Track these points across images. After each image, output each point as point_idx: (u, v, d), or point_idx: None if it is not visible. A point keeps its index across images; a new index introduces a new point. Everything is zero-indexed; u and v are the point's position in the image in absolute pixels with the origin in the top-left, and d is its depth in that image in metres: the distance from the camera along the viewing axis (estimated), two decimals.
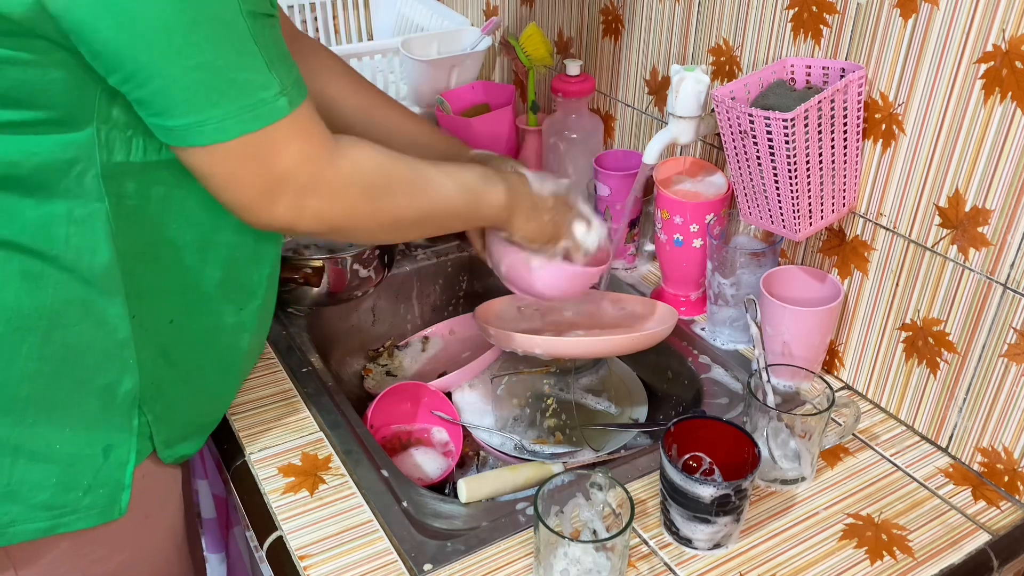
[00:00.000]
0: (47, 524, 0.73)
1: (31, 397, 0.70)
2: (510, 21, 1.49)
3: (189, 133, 0.63)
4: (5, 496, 0.70)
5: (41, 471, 0.71)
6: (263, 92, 0.63)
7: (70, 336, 0.70)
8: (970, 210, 0.83)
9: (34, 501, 0.72)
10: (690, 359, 1.06)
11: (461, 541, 0.80)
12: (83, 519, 0.74)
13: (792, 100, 0.88)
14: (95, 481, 0.74)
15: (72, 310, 0.70)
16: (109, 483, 0.75)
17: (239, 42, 0.61)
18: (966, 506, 0.85)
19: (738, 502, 0.76)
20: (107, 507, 0.76)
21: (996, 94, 0.78)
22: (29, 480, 0.71)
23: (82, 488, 0.74)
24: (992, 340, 0.84)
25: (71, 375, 0.71)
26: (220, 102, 0.62)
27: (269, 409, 0.96)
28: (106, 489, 0.75)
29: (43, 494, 0.72)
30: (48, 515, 0.72)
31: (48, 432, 0.71)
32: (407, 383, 1.04)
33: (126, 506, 0.76)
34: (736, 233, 1.07)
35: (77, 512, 0.74)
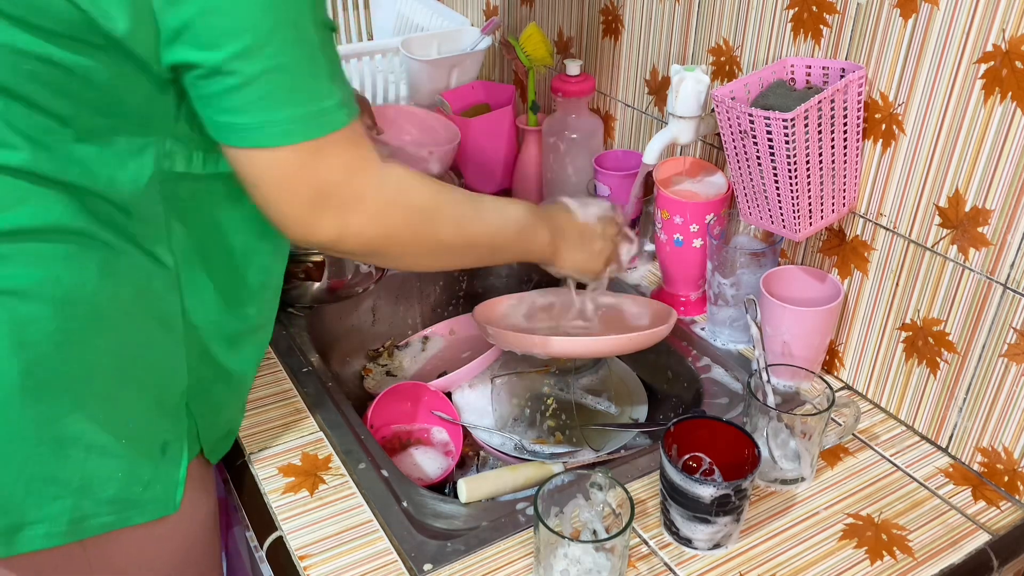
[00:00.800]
0: (113, 518, 0.74)
1: (103, 392, 0.71)
2: (510, 21, 1.49)
3: (255, 133, 0.63)
4: (79, 491, 0.71)
5: (110, 466, 0.72)
6: (327, 101, 0.64)
7: (139, 334, 0.72)
8: (970, 210, 0.83)
9: (103, 495, 0.72)
10: (690, 359, 1.06)
11: (461, 541, 0.80)
12: (144, 513, 0.76)
13: (792, 100, 0.88)
14: (154, 477, 0.75)
15: (140, 307, 0.71)
16: (166, 479, 0.77)
17: (312, 50, 0.63)
18: (966, 506, 0.85)
19: (738, 502, 0.76)
20: (164, 502, 0.77)
21: (996, 94, 0.78)
22: (100, 475, 0.72)
23: (143, 483, 0.75)
24: (992, 340, 0.84)
25: (137, 372, 0.72)
26: (289, 106, 0.63)
27: (269, 409, 0.96)
28: (163, 485, 0.76)
29: (111, 489, 0.73)
30: (113, 508, 0.73)
31: (116, 427, 0.72)
32: (407, 383, 1.04)
33: (180, 502, 0.78)
34: (736, 233, 1.07)
35: (139, 507, 0.75)
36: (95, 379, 0.70)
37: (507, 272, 1.29)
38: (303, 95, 0.63)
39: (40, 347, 0.65)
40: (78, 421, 0.69)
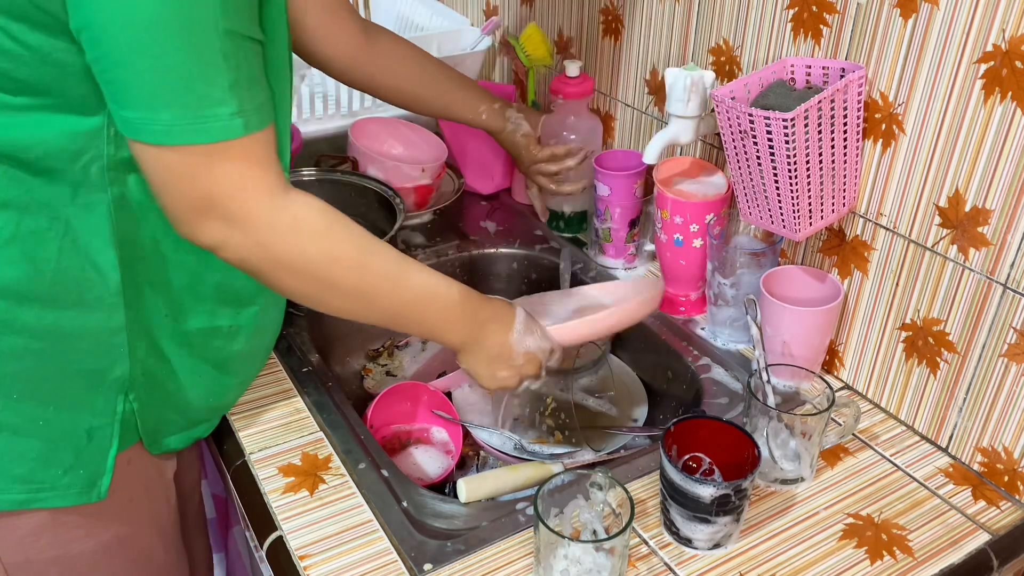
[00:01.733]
0: (23, 496, 0.74)
1: (18, 373, 0.72)
2: (510, 21, 1.49)
3: (140, 127, 0.63)
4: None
5: (22, 445, 0.73)
6: (218, 108, 0.63)
7: (63, 318, 0.72)
8: (970, 210, 0.83)
9: (12, 473, 0.73)
10: (690, 359, 1.05)
11: (461, 541, 0.80)
12: (60, 497, 0.76)
13: (792, 100, 0.88)
14: (76, 461, 0.76)
15: (68, 293, 0.71)
16: (90, 465, 0.77)
17: (207, 55, 0.62)
18: (966, 506, 0.85)
19: (738, 502, 0.76)
20: (86, 488, 0.77)
21: (996, 94, 0.78)
22: (9, 452, 0.73)
23: (62, 467, 0.75)
24: (992, 340, 0.84)
25: (60, 356, 0.73)
26: (173, 106, 0.62)
27: (269, 409, 0.96)
28: (87, 471, 0.77)
29: (22, 467, 0.74)
30: (25, 488, 0.74)
31: (31, 409, 0.73)
32: (407, 383, 1.04)
33: (106, 490, 0.78)
34: (736, 233, 1.07)
35: (55, 489, 0.76)
36: (10, 360, 0.71)
37: (507, 273, 1.29)
38: (190, 98, 0.62)
39: None
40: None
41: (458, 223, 1.34)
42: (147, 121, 0.62)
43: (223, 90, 0.63)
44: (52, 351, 0.72)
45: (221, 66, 0.62)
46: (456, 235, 1.31)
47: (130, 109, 0.63)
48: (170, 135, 0.63)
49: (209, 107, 0.63)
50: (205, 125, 0.63)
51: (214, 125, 0.63)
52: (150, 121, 0.62)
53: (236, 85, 0.63)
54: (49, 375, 0.73)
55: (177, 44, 0.60)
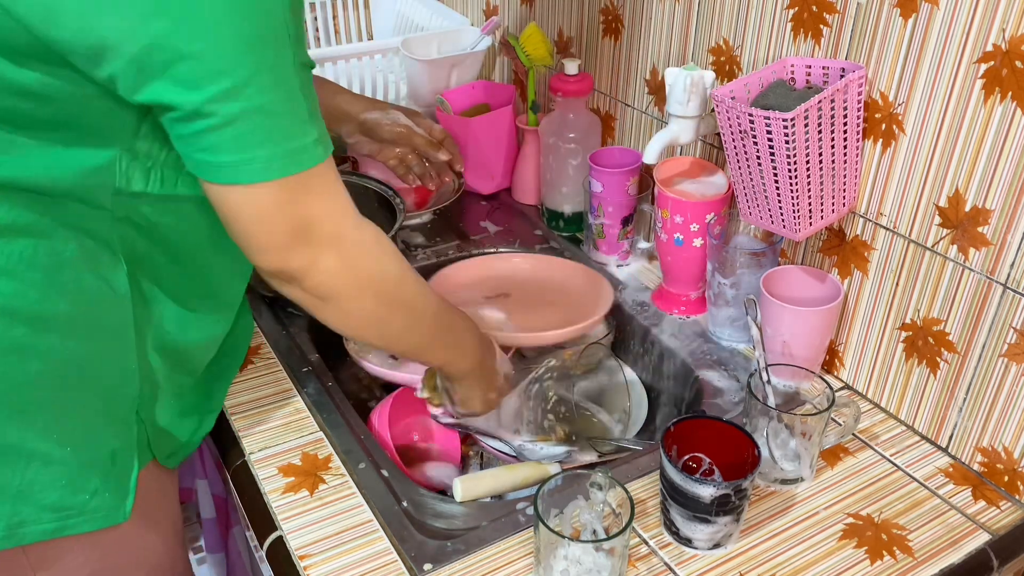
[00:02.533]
0: (54, 525, 0.73)
1: (43, 400, 0.70)
2: (510, 21, 1.49)
3: (234, 171, 0.63)
4: (17, 497, 0.70)
5: (52, 472, 0.72)
6: (305, 138, 0.65)
7: (83, 341, 0.71)
8: (970, 210, 0.83)
9: (44, 502, 0.72)
10: (690, 359, 1.05)
11: (461, 541, 0.80)
12: (90, 521, 0.75)
13: (792, 100, 0.88)
14: (103, 485, 0.75)
15: (87, 316, 0.71)
16: (116, 487, 0.76)
17: (290, 90, 0.63)
18: (966, 506, 0.85)
19: (738, 502, 0.76)
20: (113, 510, 0.76)
21: (996, 94, 0.78)
22: (40, 481, 0.71)
23: (90, 491, 0.74)
24: (992, 340, 0.84)
25: (82, 380, 0.72)
26: (267, 144, 0.63)
27: (269, 409, 0.96)
28: (112, 493, 0.76)
29: (52, 495, 0.72)
30: (55, 516, 0.73)
31: (59, 435, 0.72)
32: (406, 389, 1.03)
33: (130, 510, 0.77)
34: (736, 233, 1.07)
35: (84, 514, 0.74)
36: (35, 387, 0.70)
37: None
38: (281, 134, 0.63)
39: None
40: (16, 429, 0.69)
41: (458, 223, 1.34)
42: (244, 163, 0.63)
43: (305, 121, 0.65)
44: (74, 375, 0.72)
45: (300, 98, 0.64)
46: (456, 235, 1.31)
47: (224, 154, 0.63)
48: (268, 172, 0.64)
49: (298, 138, 0.64)
50: (298, 156, 0.64)
51: (304, 155, 0.65)
52: (246, 162, 0.63)
53: (312, 113, 0.65)
54: (73, 400, 0.72)
55: (267, 85, 0.61)
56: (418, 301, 0.78)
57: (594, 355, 1.09)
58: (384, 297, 0.75)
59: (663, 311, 1.13)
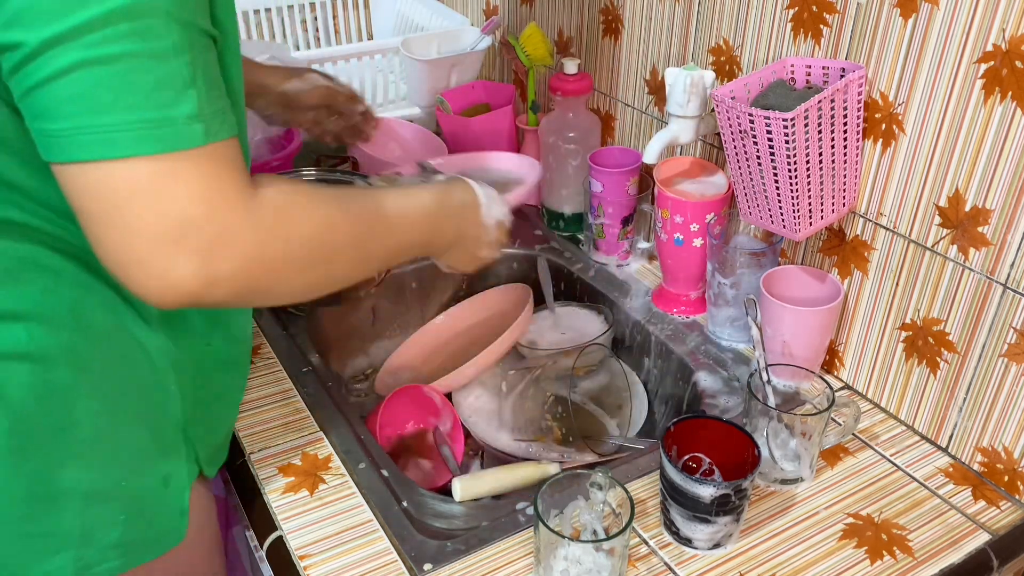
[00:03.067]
0: (120, 562, 0.71)
1: (95, 438, 0.67)
2: (510, 21, 1.49)
3: (71, 142, 0.50)
4: (80, 541, 0.68)
5: (111, 510, 0.69)
6: (172, 110, 0.51)
7: (121, 372, 0.68)
8: (970, 210, 0.83)
9: (106, 541, 0.70)
10: (690, 359, 1.05)
11: (461, 541, 0.80)
12: (152, 551, 0.73)
13: (792, 100, 0.88)
14: (159, 511, 0.73)
15: (117, 342, 0.68)
16: (171, 511, 0.74)
17: (161, 48, 0.51)
18: (966, 506, 0.85)
19: (738, 502, 0.76)
20: (171, 534, 0.75)
21: (996, 94, 0.78)
22: (101, 521, 0.69)
23: (147, 520, 0.72)
24: (992, 340, 0.84)
25: (126, 410, 0.69)
26: (116, 107, 0.50)
27: (269, 409, 0.96)
28: (168, 517, 0.74)
29: (114, 533, 0.70)
30: (118, 552, 0.71)
31: (113, 470, 0.69)
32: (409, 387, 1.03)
33: (185, 531, 0.75)
34: (736, 233, 1.07)
35: (145, 544, 0.73)
36: (82, 426, 0.66)
37: (507, 273, 1.29)
38: (138, 98, 0.50)
39: (22, 404, 0.62)
40: (71, 472, 0.66)
41: None
42: (81, 130, 0.50)
43: (180, 89, 0.52)
44: (119, 407, 0.68)
45: (174, 61, 0.51)
46: None
47: (56, 119, 0.50)
48: (113, 145, 0.50)
49: (161, 107, 0.51)
50: (160, 130, 0.51)
51: (169, 131, 0.51)
52: (84, 129, 0.50)
53: (194, 83, 0.52)
54: (121, 433, 0.69)
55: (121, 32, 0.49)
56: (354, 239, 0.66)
57: (594, 355, 1.09)
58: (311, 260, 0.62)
59: (663, 311, 1.13)
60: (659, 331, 1.10)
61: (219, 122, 0.54)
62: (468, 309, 1.23)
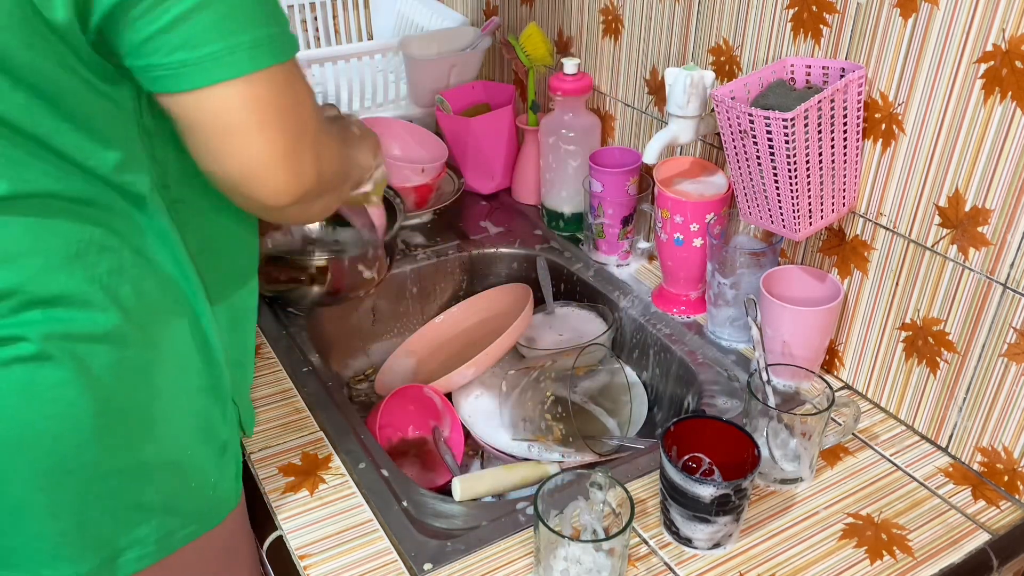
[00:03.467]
0: (195, 527, 0.73)
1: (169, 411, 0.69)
2: (510, 21, 1.49)
3: (217, 64, 0.57)
4: (162, 510, 0.70)
5: (185, 479, 0.72)
6: (280, 25, 0.60)
7: (182, 345, 0.70)
8: (970, 210, 0.83)
9: (184, 509, 0.72)
10: (690, 359, 1.05)
11: (461, 541, 0.80)
12: (219, 515, 0.75)
13: (792, 100, 0.88)
14: (219, 478, 0.75)
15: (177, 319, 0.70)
16: (228, 475, 0.77)
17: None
18: (966, 506, 0.85)
19: (738, 502, 0.76)
20: (231, 498, 0.77)
21: (996, 94, 0.78)
22: (178, 490, 0.71)
23: (211, 486, 0.74)
24: (992, 340, 0.84)
25: (191, 382, 0.71)
26: (249, 27, 0.57)
27: (269, 409, 0.96)
28: (227, 481, 0.76)
29: (189, 501, 0.72)
30: (193, 519, 0.73)
31: (185, 441, 0.71)
32: (409, 386, 1.03)
33: (241, 493, 0.78)
34: (736, 233, 1.07)
35: (214, 509, 0.75)
36: (158, 401, 0.68)
37: (507, 273, 1.29)
38: (260, 16, 0.58)
39: (104, 382, 0.64)
40: (152, 445, 0.68)
41: (458, 223, 1.34)
42: (226, 51, 0.57)
43: (274, 5, 0.60)
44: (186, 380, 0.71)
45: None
46: (456, 235, 1.31)
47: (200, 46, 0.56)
48: (258, 59, 0.58)
49: (274, 23, 0.59)
50: (281, 42, 0.60)
51: (285, 41, 0.60)
52: (230, 50, 0.57)
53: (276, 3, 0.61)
54: (190, 404, 0.71)
55: None
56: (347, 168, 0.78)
57: (594, 355, 1.09)
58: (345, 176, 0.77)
59: (663, 311, 1.13)
60: (659, 331, 1.10)
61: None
62: (468, 309, 1.23)
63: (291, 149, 0.62)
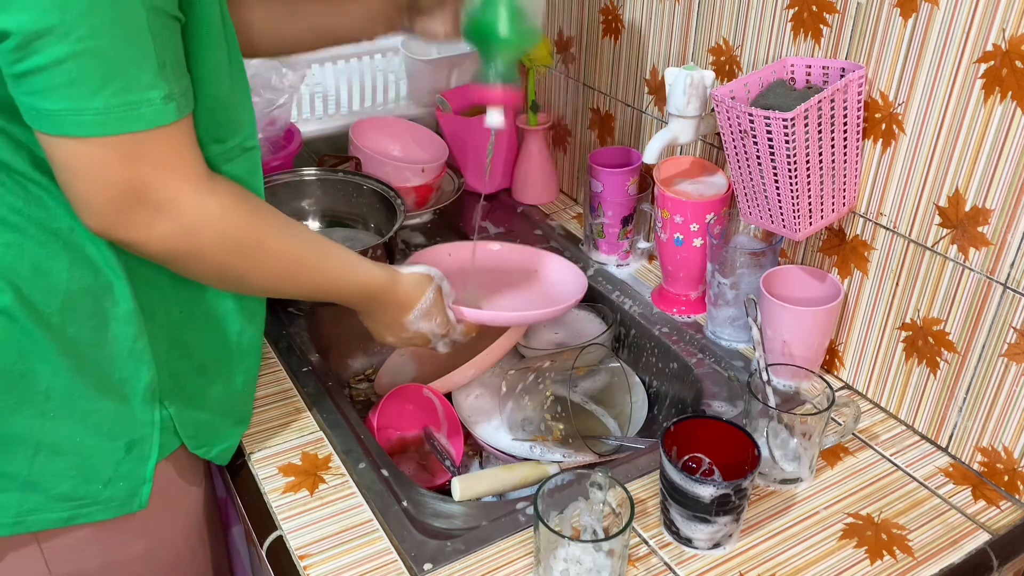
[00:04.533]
0: (66, 514, 0.74)
1: (52, 390, 0.70)
2: None
3: (65, 120, 0.59)
4: (26, 486, 0.71)
5: (62, 463, 0.72)
6: (150, 93, 0.60)
7: (84, 331, 0.71)
8: (970, 210, 0.83)
9: (54, 492, 0.73)
10: (690, 359, 1.05)
11: (461, 541, 0.80)
12: (102, 511, 0.75)
13: (792, 100, 0.88)
14: (116, 474, 0.75)
15: (83, 304, 0.70)
16: (130, 477, 0.76)
17: (135, 34, 0.58)
18: (966, 506, 0.85)
19: (738, 502, 0.76)
20: (127, 500, 0.77)
21: (996, 94, 0.78)
22: (50, 471, 0.72)
23: (102, 481, 0.74)
24: (992, 340, 0.84)
25: (88, 370, 0.72)
26: (103, 92, 0.58)
27: (269, 409, 0.96)
28: (127, 483, 0.76)
29: (63, 485, 0.73)
30: (67, 506, 0.73)
31: (69, 426, 0.72)
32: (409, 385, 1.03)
33: (147, 500, 0.77)
34: (736, 233, 1.07)
35: (97, 504, 0.75)
36: (40, 378, 0.69)
37: None
38: (120, 83, 0.58)
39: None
40: (22, 419, 0.69)
41: (458, 223, 1.34)
42: (75, 112, 0.58)
43: (153, 72, 0.60)
44: (80, 365, 0.71)
45: (149, 46, 0.59)
46: (456, 235, 1.31)
47: (54, 101, 0.58)
48: (102, 125, 0.59)
49: (140, 91, 0.59)
50: (139, 111, 0.60)
51: (147, 111, 0.60)
52: (78, 112, 0.58)
53: (165, 66, 0.60)
54: (81, 390, 0.72)
55: (102, 24, 0.57)
56: (276, 266, 0.75)
57: (594, 355, 1.09)
58: (232, 263, 0.71)
59: (663, 311, 1.13)
60: (659, 331, 1.10)
61: (184, 99, 0.64)
62: None
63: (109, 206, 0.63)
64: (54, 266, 0.68)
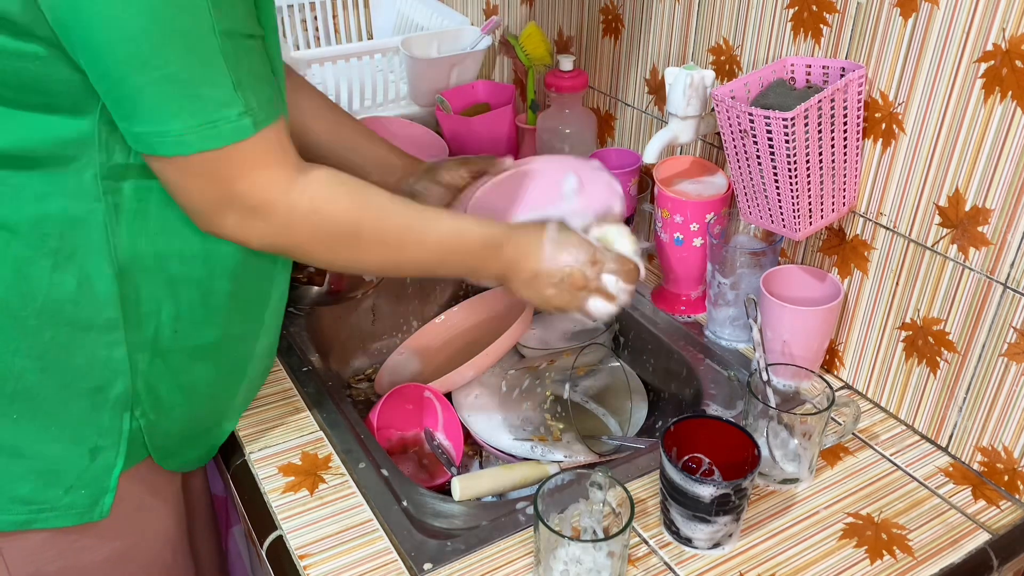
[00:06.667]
0: (24, 518, 0.74)
1: (17, 393, 0.71)
2: (510, 20, 1.49)
3: (152, 141, 0.63)
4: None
5: (23, 466, 0.73)
6: (226, 110, 0.63)
7: (59, 336, 0.71)
8: (970, 209, 0.83)
9: (12, 494, 0.73)
10: (690, 359, 1.05)
11: (461, 541, 0.80)
12: (61, 517, 0.76)
13: (792, 99, 0.88)
14: (78, 482, 0.75)
15: (62, 310, 0.70)
16: (92, 485, 0.76)
17: (207, 58, 0.62)
18: (966, 505, 0.85)
19: (738, 502, 0.76)
20: (88, 508, 0.77)
21: (996, 93, 0.78)
22: (9, 473, 0.73)
23: (63, 487, 0.75)
24: (992, 339, 0.84)
25: (60, 375, 0.72)
26: (181, 115, 0.62)
27: (269, 409, 0.96)
28: (89, 490, 0.76)
29: (23, 488, 0.73)
30: (25, 509, 0.74)
31: (32, 430, 0.72)
32: (409, 385, 1.03)
33: (108, 509, 0.77)
34: (736, 233, 1.07)
35: (56, 510, 0.75)
36: (8, 380, 0.70)
37: None
38: (196, 105, 0.62)
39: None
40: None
41: None
42: (158, 134, 0.63)
43: (228, 91, 0.63)
44: (51, 370, 0.71)
45: (222, 67, 0.62)
46: None
47: (139, 124, 0.63)
48: (183, 145, 0.63)
49: (216, 110, 0.63)
50: (216, 129, 0.63)
51: (224, 128, 0.64)
52: (161, 134, 0.63)
53: (240, 85, 0.63)
54: (49, 395, 0.72)
55: (174, 53, 0.60)
56: (381, 244, 0.76)
57: (594, 355, 1.09)
58: (336, 248, 0.74)
59: (663, 311, 1.13)
60: (659, 331, 1.10)
61: (264, 112, 0.66)
62: (468, 309, 1.23)
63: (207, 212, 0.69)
64: (33, 273, 0.69)
